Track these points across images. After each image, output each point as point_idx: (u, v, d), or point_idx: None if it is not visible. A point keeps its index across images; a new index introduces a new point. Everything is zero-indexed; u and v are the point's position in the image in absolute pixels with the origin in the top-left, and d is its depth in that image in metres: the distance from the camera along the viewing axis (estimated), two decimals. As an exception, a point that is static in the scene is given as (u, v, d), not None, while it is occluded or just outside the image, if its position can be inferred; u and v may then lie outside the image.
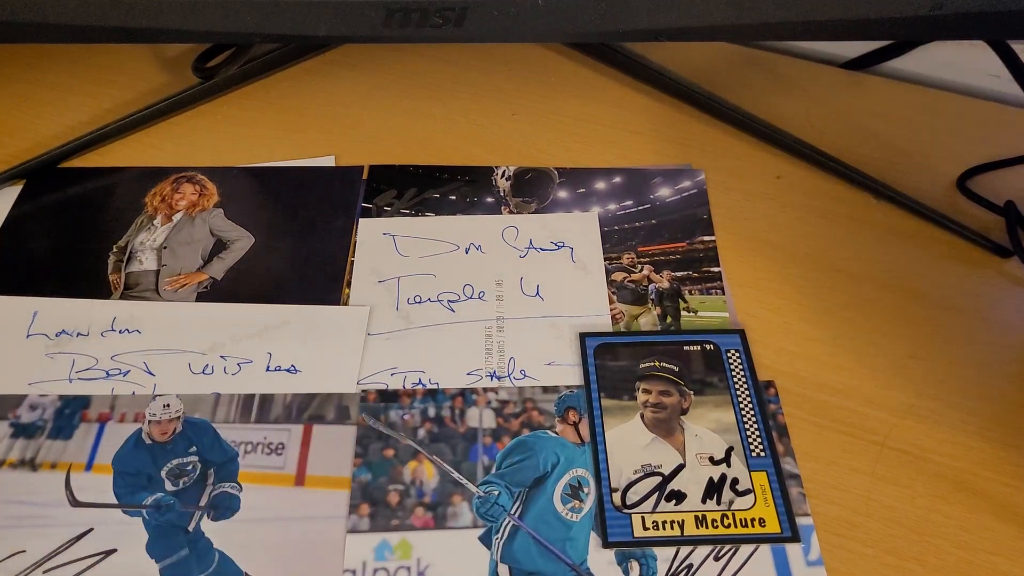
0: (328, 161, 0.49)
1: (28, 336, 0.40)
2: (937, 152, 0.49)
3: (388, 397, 0.38)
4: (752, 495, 0.35)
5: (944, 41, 0.53)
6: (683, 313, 0.41)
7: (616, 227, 0.45)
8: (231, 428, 0.37)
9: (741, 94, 0.52)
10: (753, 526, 0.34)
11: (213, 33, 0.40)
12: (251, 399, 0.38)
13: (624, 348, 0.39)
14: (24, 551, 0.33)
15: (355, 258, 0.43)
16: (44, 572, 0.32)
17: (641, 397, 0.38)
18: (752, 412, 0.37)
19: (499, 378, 0.38)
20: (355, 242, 0.44)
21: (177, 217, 0.45)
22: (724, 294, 0.42)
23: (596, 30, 0.40)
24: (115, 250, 0.44)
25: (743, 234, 0.45)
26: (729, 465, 0.36)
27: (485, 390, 0.38)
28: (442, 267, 0.43)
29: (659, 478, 0.35)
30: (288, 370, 0.39)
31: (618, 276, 0.43)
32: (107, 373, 0.38)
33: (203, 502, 0.34)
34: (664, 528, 0.34)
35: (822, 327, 0.41)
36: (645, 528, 0.34)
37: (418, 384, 0.38)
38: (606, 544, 0.33)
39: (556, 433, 0.37)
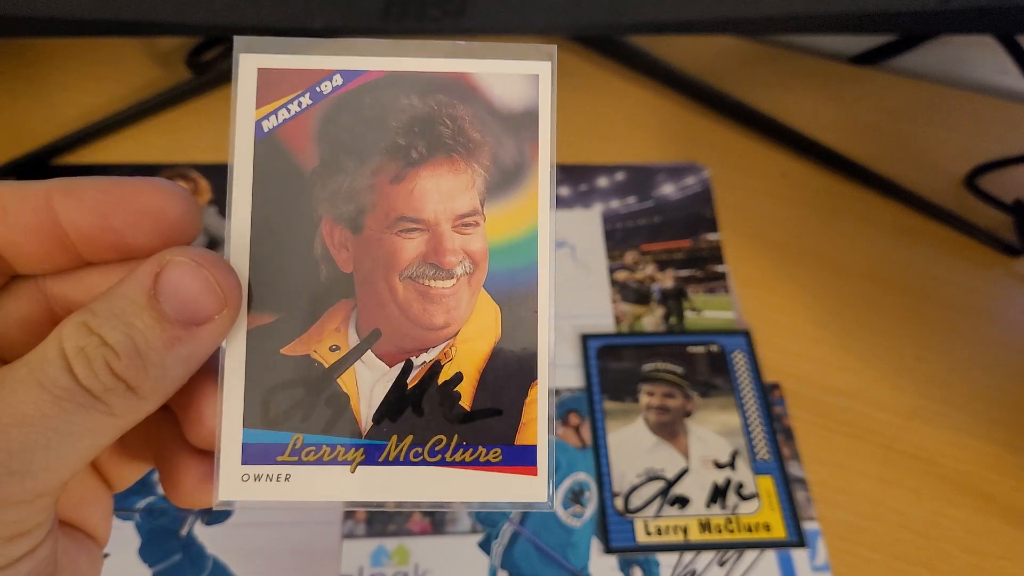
0: (325, 157, 0.48)
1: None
2: (945, 149, 0.49)
3: (386, 399, 0.37)
4: (757, 500, 0.34)
5: (953, 36, 0.52)
6: (687, 313, 0.40)
7: (619, 225, 0.44)
8: (226, 430, 0.36)
9: (747, 90, 0.51)
10: (758, 531, 0.33)
11: (207, 26, 0.39)
12: (246, 400, 0.37)
13: (627, 349, 0.38)
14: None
15: (352, 256, 0.43)
16: (34, 578, 0.32)
17: (644, 400, 0.37)
18: (757, 415, 0.36)
19: (499, 379, 0.38)
20: (352, 240, 0.43)
21: (171, 214, 0.45)
22: (729, 293, 0.41)
23: (600, 22, 0.39)
24: (108, 247, 0.43)
25: (749, 232, 0.44)
26: (734, 469, 0.35)
27: (485, 391, 0.37)
28: (441, 265, 0.42)
29: (662, 482, 0.34)
30: (284, 371, 0.38)
31: (621, 275, 0.42)
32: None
33: (197, 506, 0.34)
34: (667, 534, 0.33)
35: (828, 328, 0.40)
36: (648, 534, 0.33)
37: (417, 385, 0.37)
38: (608, 550, 0.33)
39: (557, 437, 0.36)
